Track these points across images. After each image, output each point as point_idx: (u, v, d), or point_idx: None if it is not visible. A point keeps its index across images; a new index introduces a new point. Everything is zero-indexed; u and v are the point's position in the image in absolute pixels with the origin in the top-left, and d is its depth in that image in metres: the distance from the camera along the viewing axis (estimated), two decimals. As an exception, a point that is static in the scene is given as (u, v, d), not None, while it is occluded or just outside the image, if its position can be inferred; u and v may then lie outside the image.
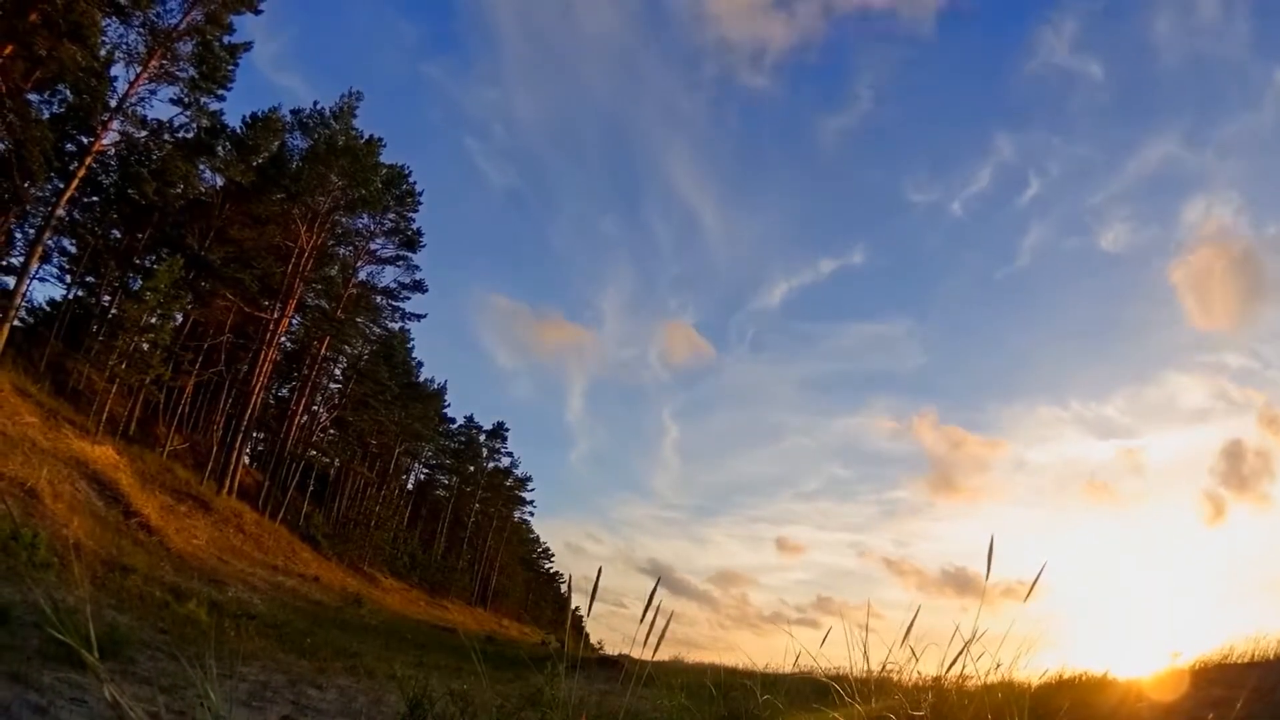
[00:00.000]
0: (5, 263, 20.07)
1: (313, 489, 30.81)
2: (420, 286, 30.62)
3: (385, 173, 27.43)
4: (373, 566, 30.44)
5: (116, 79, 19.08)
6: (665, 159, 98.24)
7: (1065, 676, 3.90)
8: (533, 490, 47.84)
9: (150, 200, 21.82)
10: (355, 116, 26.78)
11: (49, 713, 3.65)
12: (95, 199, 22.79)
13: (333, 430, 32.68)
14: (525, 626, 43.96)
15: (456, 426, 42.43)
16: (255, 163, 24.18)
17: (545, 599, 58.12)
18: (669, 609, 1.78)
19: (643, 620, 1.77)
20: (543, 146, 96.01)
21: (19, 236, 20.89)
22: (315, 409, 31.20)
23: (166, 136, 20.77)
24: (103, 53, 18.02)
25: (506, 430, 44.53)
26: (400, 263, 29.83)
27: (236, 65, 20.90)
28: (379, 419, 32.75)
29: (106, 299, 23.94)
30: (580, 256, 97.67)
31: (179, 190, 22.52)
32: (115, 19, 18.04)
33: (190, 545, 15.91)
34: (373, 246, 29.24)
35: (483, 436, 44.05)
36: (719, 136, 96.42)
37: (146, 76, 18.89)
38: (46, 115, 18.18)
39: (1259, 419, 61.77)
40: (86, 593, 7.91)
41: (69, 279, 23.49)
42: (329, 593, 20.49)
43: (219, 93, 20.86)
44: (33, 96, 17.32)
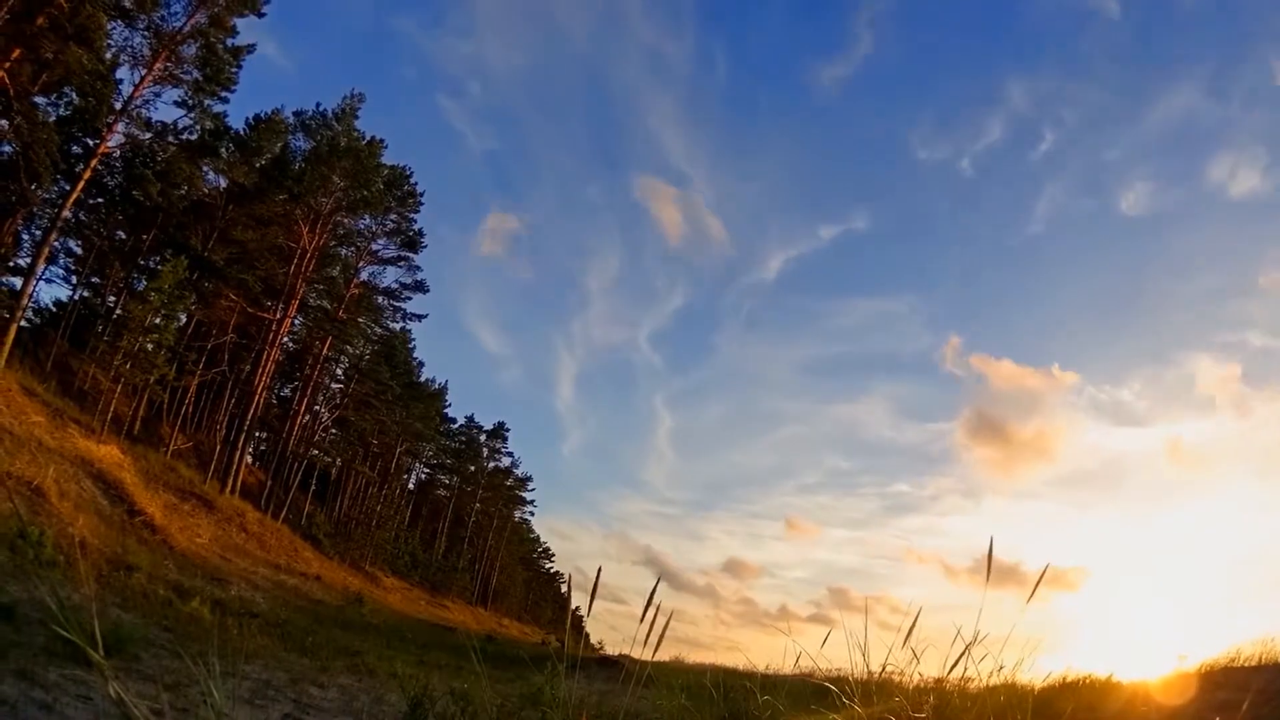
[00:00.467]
0: (12, 264, 20.26)
1: (315, 488, 30.99)
2: (421, 287, 30.80)
3: (387, 174, 27.58)
4: (374, 566, 30.60)
5: (122, 82, 19.27)
6: (651, 116, 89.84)
7: (1069, 679, 3.86)
8: (533, 490, 48.04)
9: (155, 201, 22.01)
10: (357, 118, 26.97)
11: (54, 709, 3.69)
12: (100, 200, 22.99)
13: (334, 430, 32.87)
14: (525, 626, 44.10)
15: (457, 426, 42.61)
16: (258, 164, 24.36)
17: (545, 598, 58.28)
18: (669, 608, 1.78)
19: (643, 620, 1.76)
20: (522, 105, 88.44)
21: (26, 238, 21.10)
22: (317, 409, 31.38)
23: (171, 138, 20.95)
24: (108, 56, 18.19)
25: (507, 430, 44.75)
26: (401, 263, 30.02)
27: (240, 67, 21.07)
28: (380, 419, 32.92)
29: (111, 299, 24.15)
30: (565, 226, 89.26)
31: (183, 191, 22.70)
32: (120, 22, 18.22)
33: (193, 544, 16.06)
34: (374, 247, 29.41)
35: (483, 436, 44.24)
36: (707, 88, 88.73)
37: (151, 79, 19.05)
38: (53, 118, 18.37)
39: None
40: (92, 590, 8.00)
41: (74, 280, 23.73)
42: (330, 592, 20.63)
43: (222, 95, 21.04)
44: (39, 99, 17.50)
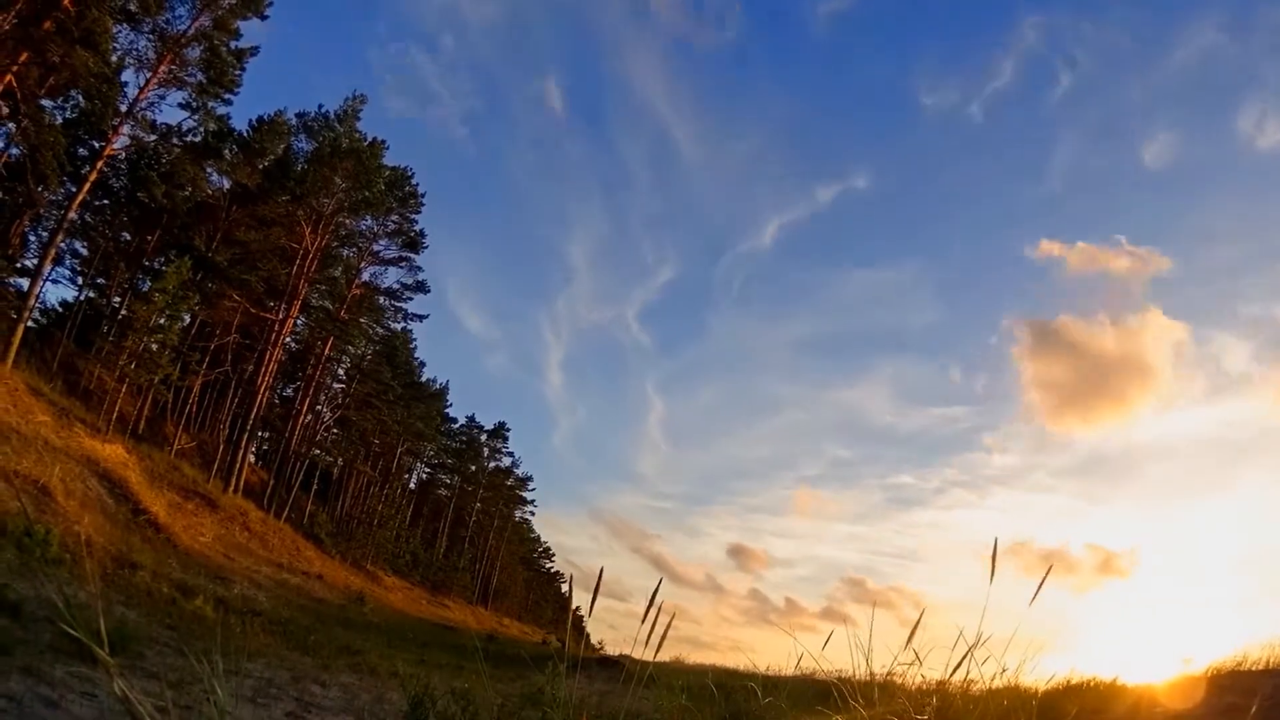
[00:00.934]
0: (19, 265, 20.48)
1: (316, 488, 31.16)
2: (423, 287, 30.94)
3: (388, 174, 27.73)
4: (375, 565, 30.76)
5: (127, 84, 19.48)
6: (632, 63, 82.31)
7: (1073, 682, 3.80)
8: (533, 490, 48.19)
9: (159, 203, 22.21)
10: (359, 119, 27.14)
11: (60, 706, 3.73)
12: (106, 202, 23.21)
13: (336, 430, 33.05)
14: (526, 625, 44.24)
15: (458, 426, 42.77)
16: (261, 165, 24.54)
17: (546, 598, 58.43)
18: (671, 606, 1.78)
19: (644, 620, 1.75)
20: (497, 59, 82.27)
21: (33, 239, 21.35)
22: (319, 408, 31.56)
23: (175, 140, 21.14)
24: (114, 59, 18.38)
25: (508, 430, 44.91)
26: (403, 264, 30.16)
27: (243, 70, 21.25)
28: (382, 418, 33.08)
29: (116, 300, 24.37)
30: (546, 190, 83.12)
31: (187, 193, 22.90)
32: (126, 26, 18.40)
33: (197, 543, 16.21)
34: (376, 248, 29.56)
35: (484, 436, 44.39)
36: (691, 32, 78.89)
37: (156, 82, 19.24)
38: (59, 120, 18.58)
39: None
40: (97, 588, 8.09)
41: (80, 280, 23.96)
42: (332, 590, 20.77)
43: (226, 97, 21.22)
44: (46, 102, 17.70)
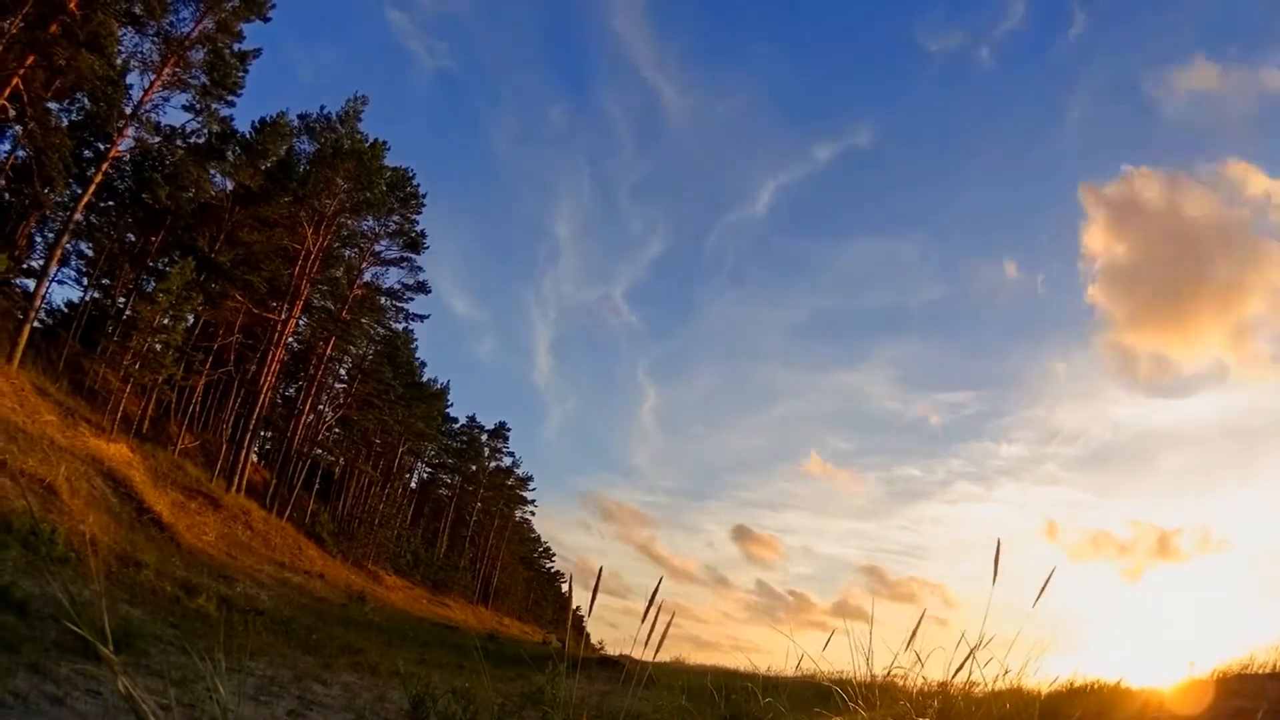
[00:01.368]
0: (26, 266, 20.69)
1: (318, 487, 31.33)
2: (424, 288, 31.07)
3: (389, 175, 27.87)
4: (376, 564, 30.90)
5: (132, 87, 19.64)
6: (614, 14, 77.10)
7: (1077, 684, 3.78)
8: (534, 490, 48.32)
9: (163, 204, 22.40)
10: (361, 120, 27.30)
11: (65, 703, 3.77)
12: (111, 203, 23.41)
13: (338, 429, 33.22)
14: (526, 625, 44.35)
15: (459, 426, 42.91)
16: (264, 167, 24.70)
17: (546, 598, 58.54)
18: (671, 604, 1.76)
19: (644, 620, 1.74)
20: (473, 15, 76.83)
21: (39, 240, 21.56)
22: (321, 408, 31.73)
23: (179, 142, 21.31)
24: (119, 61, 18.55)
25: (508, 430, 45.04)
26: (404, 264, 30.29)
27: (246, 72, 21.40)
28: (383, 418, 33.24)
29: (121, 300, 24.56)
30: (529, 158, 77.83)
31: (191, 194, 23.08)
32: (131, 29, 18.57)
33: (200, 541, 16.35)
34: (377, 248, 29.70)
35: (484, 436, 44.53)
36: None
37: (160, 84, 19.40)
38: (65, 123, 18.75)
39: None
40: (101, 587, 8.14)
41: (86, 281, 24.18)
42: (334, 590, 20.90)
43: (229, 99, 21.38)
44: (52, 105, 17.87)
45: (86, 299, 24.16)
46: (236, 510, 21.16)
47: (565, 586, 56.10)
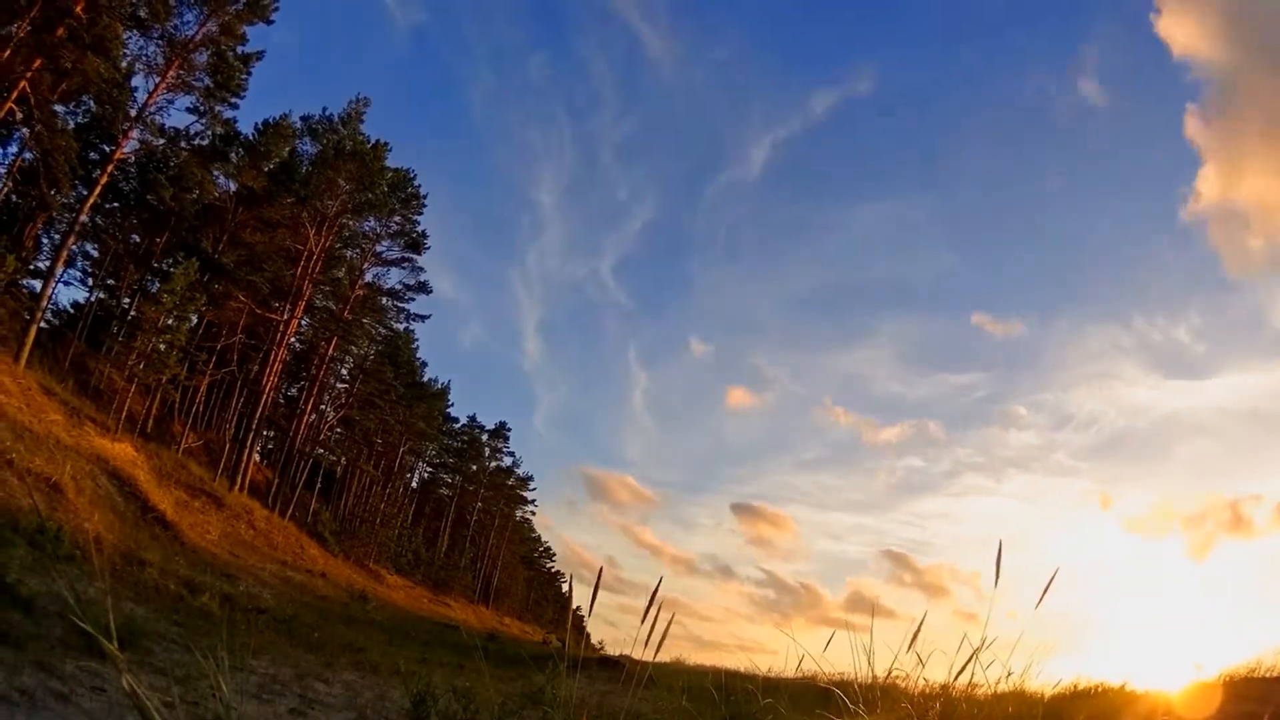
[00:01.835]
0: (33, 266, 20.91)
1: (320, 486, 31.52)
2: (425, 288, 31.22)
3: (391, 176, 28.02)
4: (378, 563, 31.06)
5: (136, 89, 19.83)
6: None
7: (1081, 687, 3.74)
8: (534, 490, 48.46)
9: (168, 205, 22.59)
10: (363, 121, 27.47)
11: (71, 700, 3.78)
12: (116, 205, 23.61)
13: (340, 429, 33.40)
14: (526, 625, 44.49)
15: (459, 426, 43.07)
16: (266, 168, 24.89)
17: (546, 598, 58.66)
18: (676, 601, 1.76)
19: (644, 620, 1.73)
20: None
21: (45, 241, 21.77)
22: (323, 408, 31.92)
23: (183, 144, 21.51)
24: (124, 64, 18.74)
25: (508, 430, 45.20)
26: (405, 264, 30.45)
27: (249, 74, 21.57)
28: (384, 418, 33.41)
29: (126, 301, 24.77)
30: (508, 117, 71.60)
31: (194, 195, 23.27)
32: (136, 32, 18.75)
33: (203, 540, 16.50)
34: (379, 249, 29.86)
35: (485, 436, 44.70)
36: None
37: (164, 86, 19.58)
38: (71, 125, 18.94)
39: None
40: (106, 585, 8.21)
41: (91, 282, 24.39)
42: (335, 588, 21.04)
43: (232, 101, 21.56)
44: (59, 108, 18.05)
45: (92, 299, 24.38)
46: (239, 509, 21.32)
47: (565, 586, 56.22)
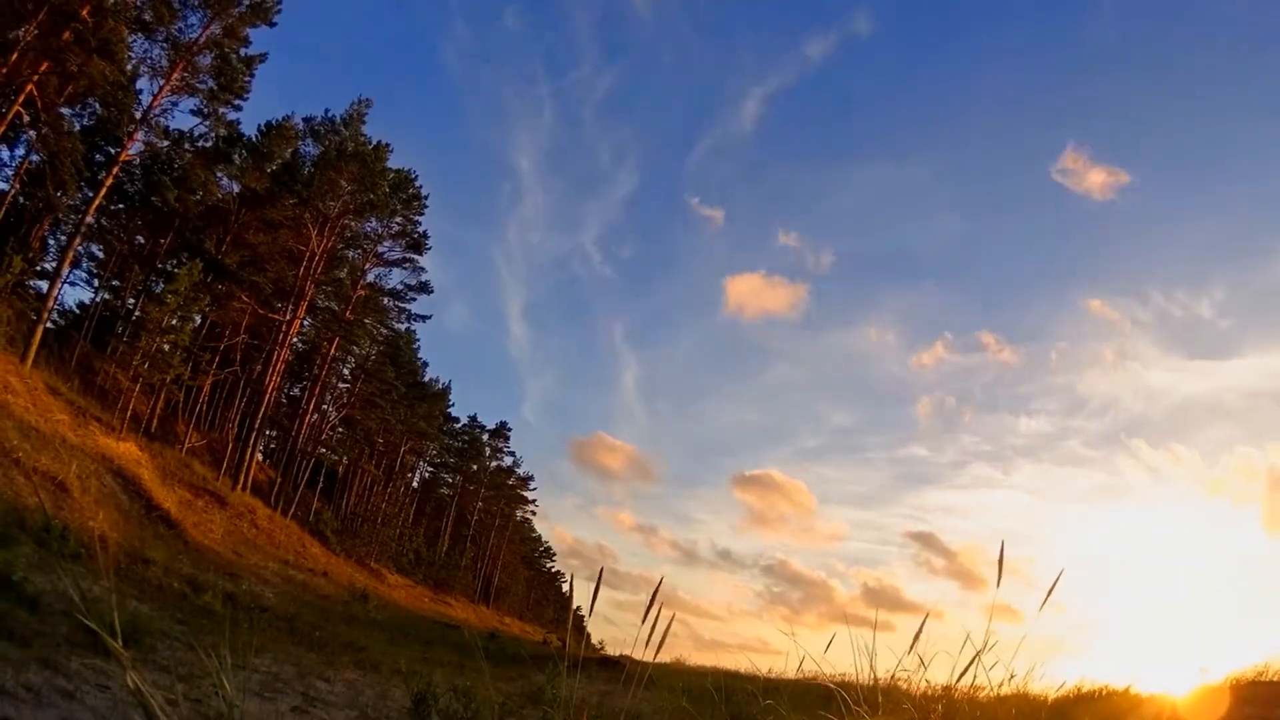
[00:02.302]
0: (39, 267, 21.11)
1: (322, 486, 31.69)
2: (426, 288, 31.37)
3: (392, 177, 28.16)
4: (379, 563, 31.21)
5: (141, 92, 20.01)
6: None
7: (1084, 690, 3.69)
8: (535, 490, 48.58)
9: (172, 207, 22.77)
10: (365, 123, 27.61)
11: (76, 697, 3.83)
12: (121, 206, 23.82)
13: (341, 429, 33.59)
14: (527, 625, 44.60)
15: (460, 426, 43.22)
16: (269, 169, 25.05)
17: (546, 598, 58.78)
18: (678, 599, 1.73)
19: (644, 620, 1.73)
20: None
21: (52, 243, 21.99)
22: (325, 408, 32.10)
23: (187, 146, 21.70)
24: (129, 67, 18.91)
25: (509, 430, 45.34)
26: (406, 265, 30.59)
27: (252, 76, 21.74)
28: (385, 418, 33.56)
29: (131, 301, 24.99)
30: (484, 75, 65.20)
31: (198, 197, 23.44)
32: (140, 35, 18.92)
33: (207, 539, 16.65)
34: (380, 249, 30.00)
35: (485, 436, 44.84)
36: None
37: (169, 89, 19.74)
38: (77, 128, 19.13)
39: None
40: (111, 583, 8.34)
41: (96, 283, 24.62)
42: (337, 587, 21.17)
43: (236, 103, 21.72)
44: (65, 110, 18.23)
45: (97, 300, 24.60)
46: (242, 508, 21.48)
47: (565, 586, 56.29)
